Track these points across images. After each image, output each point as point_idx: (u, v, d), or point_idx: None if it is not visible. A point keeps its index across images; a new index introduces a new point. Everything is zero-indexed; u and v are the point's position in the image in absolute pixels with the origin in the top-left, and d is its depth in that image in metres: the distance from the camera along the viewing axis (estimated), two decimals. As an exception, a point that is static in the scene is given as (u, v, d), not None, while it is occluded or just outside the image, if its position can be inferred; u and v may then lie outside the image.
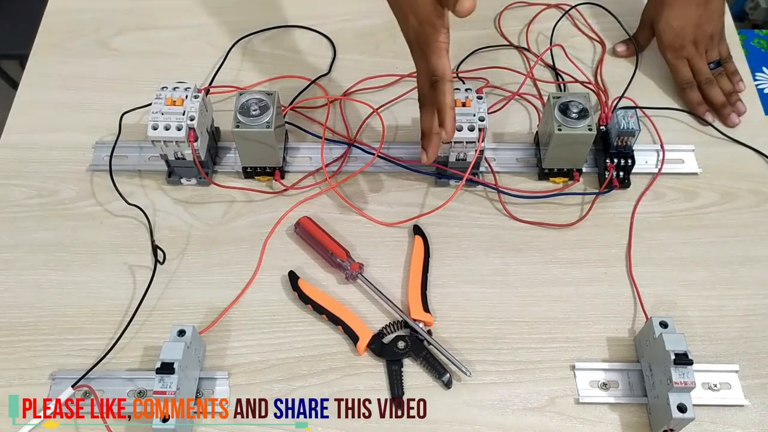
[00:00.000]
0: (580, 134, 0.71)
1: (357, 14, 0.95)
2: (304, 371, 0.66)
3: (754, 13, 1.77)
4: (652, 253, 0.73)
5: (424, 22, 0.62)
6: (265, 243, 0.74)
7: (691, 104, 0.84)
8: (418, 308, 0.68)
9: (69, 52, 0.91)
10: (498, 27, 0.93)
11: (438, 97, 0.62)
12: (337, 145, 0.81)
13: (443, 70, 0.62)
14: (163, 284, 0.71)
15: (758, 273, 0.72)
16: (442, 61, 0.62)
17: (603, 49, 0.90)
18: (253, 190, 0.78)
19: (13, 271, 0.73)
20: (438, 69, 0.62)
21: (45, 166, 0.80)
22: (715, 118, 0.84)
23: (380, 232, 0.75)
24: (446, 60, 0.62)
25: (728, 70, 0.87)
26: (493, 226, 0.75)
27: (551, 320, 0.69)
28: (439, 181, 0.78)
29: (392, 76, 0.87)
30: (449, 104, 0.62)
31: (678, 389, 0.58)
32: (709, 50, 0.86)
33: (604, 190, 0.76)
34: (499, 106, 0.84)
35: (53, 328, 0.69)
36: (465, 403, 0.65)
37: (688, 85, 0.84)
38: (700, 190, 0.78)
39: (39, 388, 0.65)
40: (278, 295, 0.71)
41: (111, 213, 0.76)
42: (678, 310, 0.70)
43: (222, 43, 0.91)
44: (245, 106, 0.72)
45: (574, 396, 0.65)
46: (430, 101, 0.64)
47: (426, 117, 0.66)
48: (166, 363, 0.58)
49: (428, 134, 0.66)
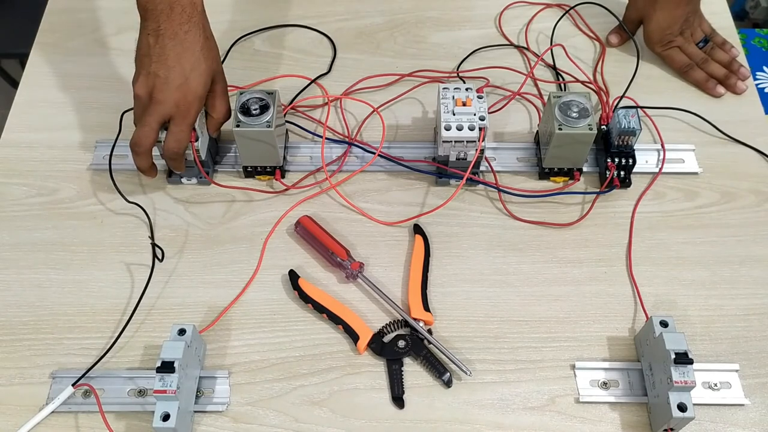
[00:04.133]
0: (580, 134, 0.71)
1: (357, 13, 0.95)
2: (304, 370, 0.66)
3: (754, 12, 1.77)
4: (652, 253, 0.73)
5: (194, 100, 0.68)
6: (266, 242, 0.74)
7: (699, 83, 0.86)
8: (418, 307, 0.68)
9: (69, 51, 0.91)
10: (498, 27, 0.93)
11: (175, 167, 0.72)
12: (338, 145, 0.81)
13: (186, 144, 0.70)
14: (163, 283, 0.71)
15: (758, 272, 0.72)
16: (188, 137, 0.69)
17: (603, 48, 0.90)
18: (253, 189, 0.78)
19: (13, 270, 0.73)
20: (182, 143, 0.69)
21: (45, 165, 0.80)
22: (726, 90, 0.86)
23: (380, 231, 0.75)
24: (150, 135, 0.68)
25: (717, 43, 0.89)
26: (493, 226, 0.75)
27: (551, 319, 0.69)
28: (440, 181, 0.78)
29: (392, 75, 0.87)
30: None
31: (678, 388, 0.58)
32: (693, 33, 0.88)
33: (604, 190, 0.76)
34: (499, 105, 0.84)
35: (54, 327, 0.69)
36: (465, 402, 0.65)
37: (688, 67, 0.86)
38: (700, 189, 0.78)
39: (39, 387, 0.65)
40: (278, 294, 0.71)
41: (111, 212, 0.76)
42: (678, 310, 0.70)
43: (222, 42, 0.91)
44: (245, 105, 0.72)
45: (575, 395, 0.65)
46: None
47: (140, 163, 0.71)
48: (167, 362, 0.58)
49: None
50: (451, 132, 0.70)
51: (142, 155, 0.69)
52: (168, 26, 0.66)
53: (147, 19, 0.67)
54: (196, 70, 0.68)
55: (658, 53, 0.88)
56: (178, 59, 0.67)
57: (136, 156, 0.70)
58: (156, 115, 0.67)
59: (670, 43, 0.86)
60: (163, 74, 0.66)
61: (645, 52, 0.89)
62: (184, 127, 0.68)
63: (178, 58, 0.67)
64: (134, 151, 0.69)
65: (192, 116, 0.69)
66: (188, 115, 0.68)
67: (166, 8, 0.66)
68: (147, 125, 0.67)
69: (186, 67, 0.67)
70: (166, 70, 0.66)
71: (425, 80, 0.87)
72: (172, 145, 0.69)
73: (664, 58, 0.88)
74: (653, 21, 0.86)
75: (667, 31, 0.86)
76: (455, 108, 0.72)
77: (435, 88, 0.83)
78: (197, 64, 0.68)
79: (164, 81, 0.66)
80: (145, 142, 0.68)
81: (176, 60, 0.67)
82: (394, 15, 0.95)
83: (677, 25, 0.86)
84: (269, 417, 0.64)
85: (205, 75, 0.69)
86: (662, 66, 0.89)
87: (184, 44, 0.67)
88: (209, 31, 0.71)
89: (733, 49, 0.89)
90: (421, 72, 0.88)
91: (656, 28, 0.86)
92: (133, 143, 0.68)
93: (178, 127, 0.68)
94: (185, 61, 0.67)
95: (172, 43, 0.66)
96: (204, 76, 0.68)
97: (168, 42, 0.66)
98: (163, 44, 0.66)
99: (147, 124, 0.67)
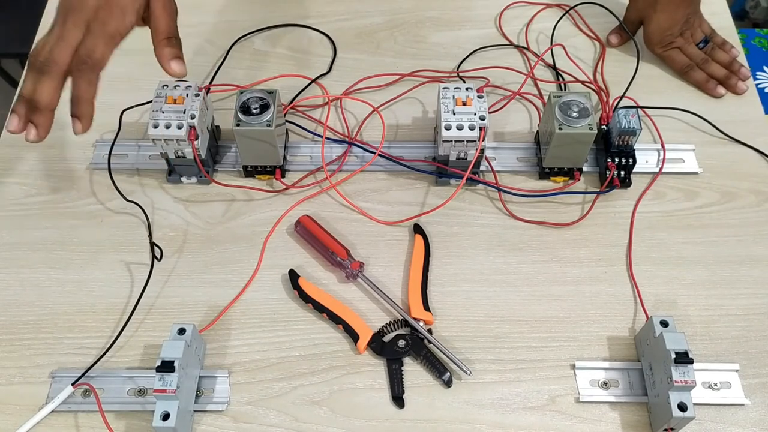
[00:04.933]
0: (580, 133, 0.71)
1: (357, 13, 0.95)
2: (304, 370, 0.66)
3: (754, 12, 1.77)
4: (652, 253, 0.73)
5: (115, 5, 0.58)
6: (266, 241, 0.74)
7: (699, 84, 0.86)
8: (418, 307, 0.68)
9: (69, 50, 0.91)
10: (498, 26, 0.93)
11: (79, 85, 0.57)
12: (338, 144, 0.81)
13: (101, 56, 0.57)
14: (163, 282, 0.71)
15: (758, 272, 0.72)
16: (106, 47, 0.57)
17: (603, 48, 0.90)
18: (253, 188, 0.78)
19: (13, 269, 0.72)
20: (96, 52, 0.57)
21: (45, 165, 0.80)
22: (726, 91, 0.86)
23: (381, 230, 0.75)
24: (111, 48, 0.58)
25: (717, 43, 0.89)
26: (493, 225, 0.75)
27: (552, 319, 0.69)
28: (440, 180, 0.78)
29: (392, 75, 0.87)
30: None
31: (678, 388, 0.58)
32: (693, 33, 0.88)
33: (604, 190, 0.76)
34: (499, 105, 0.84)
35: (53, 327, 0.69)
36: (465, 402, 0.65)
37: (688, 68, 0.86)
38: (700, 189, 0.78)
39: (39, 387, 0.65)
40: (278, 293, 0.71)
41: (111, 211, 0.76)
42: (678, 309, 0.70)
43: (222, 41, 0.91)
44: (246, 104, 0.72)
45: (575, 395, 0.65)
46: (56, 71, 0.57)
47: (48, 86, 0.57)
48: (167, 361, 0.58)
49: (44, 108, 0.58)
50: (451, 132, 0.70)
51: (52, 74, 0.56)
52: None
53: None
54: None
55: (658, 54, 0.88)
56: None
57: (43, 75, 0.56)
58: (70, 24, 0.57)
59: (671, 44, 0.87)
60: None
61: (645, 52, 0.89)
62: (99, 35, 0.57)
63: None
64: (38, 67, 0.56)
65: (111, 25, 0.58)
66: (106, 22, 0.58)
67: None
68: (61, 38, 0.56)
69: None
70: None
71: (425, 80, 0.87)
72: (81, 51, 0.57)
73: (665, 59, 0.88)
74: (653, 22, 0.86)
75: (667, 32, 0.86)
76: (455, 108, 0.72)
77: (435, 87, 0.83)
78: None
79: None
80: (57, 54, 0.56)
81: None
82: (395, 15, 0.95)
83: (677, 26, 0.86)
84: (269, 416, 0.64)
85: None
86: (662, 66, 0.89)
87: None
88: None
89: (734, 49, 0.89)
90: (421, 72, 0.88)
91: (656, 29, 0.86)
92: (36, 53, 0.56)
93: (92, 35, 0.57)
94: None
95: None
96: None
97: None
98: None
99: (59, 33, 0.57)
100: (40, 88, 0.56)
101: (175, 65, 0.61)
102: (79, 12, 0.57)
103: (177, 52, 0.61)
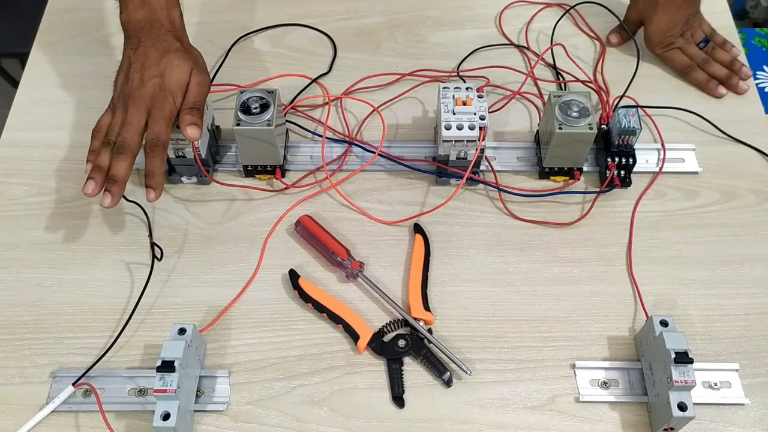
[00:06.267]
0: (580, 133, 0.71)
1: (357, 13, 0.95)
2: (304, 370, 0.66)
3: (754, 11, 1.77)
4: (652, 252, 0.73)
5: (168, 90, 0.68)
6: (266, 241, 0.74)
7: (700, 84, 0.86)
8: (418, 307, 0.68)
9: (69, 50, 0.91)
10: (498, 26, 0.93)
11: (153, 162, 0.67)
12: (338, 144, 0.81)
13: (167, 137, 0.68)
14: (163, 282, 0.71)
15: (758, 272, 0.72)
16: (167, 129, 0.68)
17: (603, 48, 0.90)
18: (253, 188, 0.78)
19: (13, 269, 0.73)
20: (162, 135, 0.67)
21: (45, 165, 0.80)
22: (728, 91, 0.86)
23: (381, 230, 0.75)
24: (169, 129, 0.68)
25: (718, 42, 0.89)
26: (493, 225, 0.75)
27: (552, 319, 0.69)
28: (440, 180, 0.78)
29: (393, 74, 0.87)
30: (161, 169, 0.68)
31: (678, 388, 0.58)
32: (693, 34, 0.88)
33: (605, 189, 0.76)
34: (499, 105, 0.84)
35: (54, 327, 0.69)
36: (465, 402, 0.65)
37: (689, 68, 0.86)
38: (700, 189, 0.78)
39: (39, 387, 0.65)
40: (279, 293, 0.71)
41: (111, 211, 0.76)
42: (678, 309, 0.70)
43: (223, 41, 0.91)
44: (246, 104, 0.72)
45: (575, 395, 0.65)
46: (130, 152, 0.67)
47: (125, 165, 0.67)
48: (167, 361, 0.58)
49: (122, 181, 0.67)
50: (451, 131, 0.70)
51: (128, 155, 0.67)
52: (147, 38, 0.70)
53: (129, 37, 0.71)
54: (170, 67, 0.69)
55: (658, 55, 0.88)
56: (154, 61, 0.69)
57: (120, 155, 0.66)
58: (134, 110, 0.67)
59: (671, 44, 0.86)
60: (138, 76, 0.68)
61: (645, 51, 0.89)
62: (160, 119, 0.67)
63: (154, 61, 0.69)
64: (117, 148, 0.67)
65: (167, 109, 0.68)
66: (163, 108, 0.68)
67: (146, 25, 0.70)
68: (128, 123, 0.67)
69: (161, 66, 0.69)
70: (141, 71, 0.69)
71: (425, 80, 0.87)
72: (151, 136, 0.67)
73: (665, 60, 0.88)
74: (654, 23, 0.86)
75: (667, 33, 0.86)
76: (455, 107, 0.72)
77: (435, 87, 0.83)
78: (170, 62, 0.69)
79: (140, 80, 0.68)
80: (129, 139, 0.67)
81: (152, 62, 0.69)
82: (395, 14, 0.95)
83: (678, 27, 0.86)
84: (269, 416, 0.64)
85: (178, 71, 0.69)
86: (662, 65, 0.89)
87: (160, 50, 0.69)
88: (186, 41, 0.73)
89: (734, 48, 0.89)
90: (421, 71, 0.88)
91: (657, 30, 0.86)
92: (102, 130, 0.68)
93: (154, 120, 0.68)
94: (161, 62, 0.69)
95: (149, 51, 0.69)
96: (178, 71, 0.69)
97: (145, 50, 0.69)
98: (142, 52, 0.69)
99: (128, 121, 0.67)
100: (117, 166, 0.66)
101: (190, 130, 0.68)
102: (139, 100, 0.67)
103: (196, 120, 0.69)
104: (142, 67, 0.68)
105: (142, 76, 0.68)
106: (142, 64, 0.69)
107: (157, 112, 0.67)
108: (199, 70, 0.71)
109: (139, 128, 0.67)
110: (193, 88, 0.70)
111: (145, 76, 0.68)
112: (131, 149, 0.67)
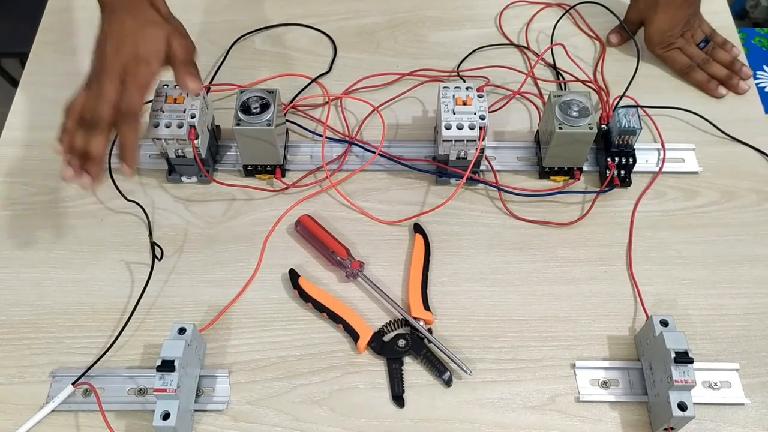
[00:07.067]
0: (580, 133, 0.71)
1: (357, 13, 0.95)
2: (304, 369, 0.66)
3: (754, 11, 1.77)
4: (652, 252, 0.73)
5: (141, 58, 0.64)
6: (266, 241, 0.74)
7: (700, 84, 0.86)
8: (418, 306, 0.68)
9: (69, 49, 0.91)
10: (498, 26, 0.93)
11: (126, 134, 0.64)
12: (338, 144, 0.81)
13: (140, 106, 0.64)
14: (163, 282, 0.71)
15: (759, 272, 0.72)
16: (141, 98, 0.64)
17: (603, 48, 0.90)
18: (253, 188, 0.78)
19: (13, 268, 0.73)
20: (135, 104, 0.63)
21: (45, 164, 0.80)
22: (728, 91, 0.86)
23: (381, 230, 0.75)
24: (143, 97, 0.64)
25: (718, 43, 0.89)
26: (493, 225, 0.75)
27: (552, 318, 0.69)
28: (440, 180, 0.78)
29: (393, 74, 0.87)
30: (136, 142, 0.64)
31: (678, 387, 0.58)
32: (694, 34, 0.88)
33: (604, 189, 0.76)
34: (499, 104, 0.84)
35: (54, 326, 0.69)
36: (465, 402, 0.65)
37: (689, 68, 0.86)
38: (700, 188, 0.78)
39: (39, 386, 0.65)
40: (279, 293, 0.71)
41: (111, 211, 0.76)
42: (678, 309, 0.70)
43: (223, 41, 0.91)
44: (246, 104, 0.72)
45: (575, 394, 0.65)
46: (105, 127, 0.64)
47: (100, 141, 0.64)
48: (167, 361, 0.58)
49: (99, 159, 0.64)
50: (451, 131, 0.70)
51: (101, 130, 0.63)
52: (121, 9, 0.66)
53: (105, 11, 0.67)
54: (144, 36, 0.65)
55: (658, 55, 0.88)
56: (129, 32, 0.65)
57: (93, 131, 0.63)
58: (107, 81, 0.64)
59: (671, 45, 0.87)
60: (112, 47, 0.65)
61: (645, 51, 0.89)
62: (132, 88, 0.64)
63: (129, 31, 0.65)
64: (87, 125, 0.63)
65: (141, 76, 0.64)
66: (137, 74, 0.64)
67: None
68: (101, 96, 0.63)
69: (136, 37, 0.65)
70: (116, 42, 0.65)
71: (425, 79, 0.87)
72: (123, 105, 0.63)
73: (665, 60, 0.88)
74: (654, 24, 0.86)
75: (668, 33, 0.86)
76: (455, 107, 0.72)
77: (435, 87, 0.83)
78: (145, 32, 0.66)
79: (114, 50, 0.65)
80: (102, 111, 0.63)
81: (126, 33, 0.65)
82: (395, 14, 0.95)
83: (678, 27, 0.86)
84: (269, 416, 0.64)
85: (154, 40, 0.66)
86: (662, 65, 0.89)
87: (137, 20, 0.66)
88: (166, 11, 0.69)
89: (734, 48, 0.89)
90: (421, 71, 0.88)
91: (657, 30, 0.86)
92: (74, 108, 0.64)
93: (127, 89, 0.64)
94: (136, 33, 0.65)
95: (125, 22, 0.66)
96: (153, 40, 0.65)
97: (120, 21, 0.66)
98: (117, 24, 0.66)
99: (97, 91, 0.64)
100: (92, 143, 0.63)
101: (190, 82, 0.66)
102: (111, 70, 0.64)
103: (192, 71, 0.67)
104: (117, 39, 0.65)
105: (116, 48, 0.64)
106: (116, 35, 0.65)
107: (130, 79, 0.64)
108: (179, 35, 0.68)
109: (111, 100, 0.63)
110: (178, 49, 0.66)
111: (119, 47, 0.64)
112: (105, 123, 0.63)
